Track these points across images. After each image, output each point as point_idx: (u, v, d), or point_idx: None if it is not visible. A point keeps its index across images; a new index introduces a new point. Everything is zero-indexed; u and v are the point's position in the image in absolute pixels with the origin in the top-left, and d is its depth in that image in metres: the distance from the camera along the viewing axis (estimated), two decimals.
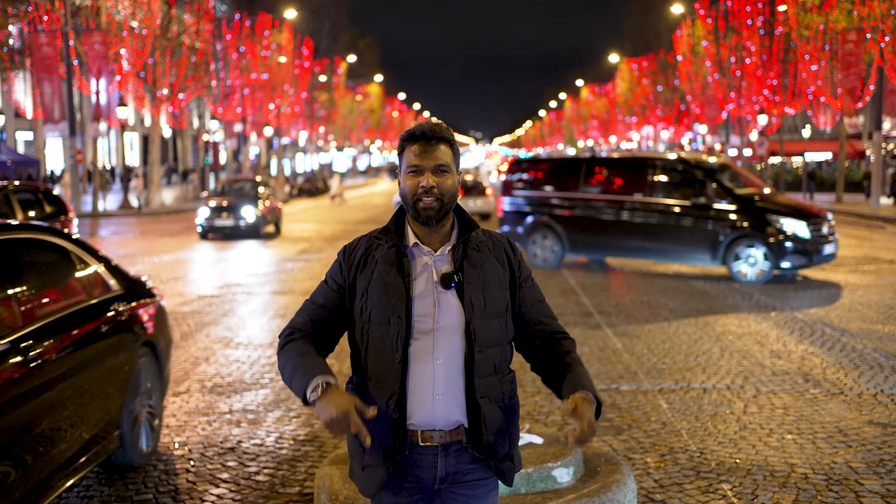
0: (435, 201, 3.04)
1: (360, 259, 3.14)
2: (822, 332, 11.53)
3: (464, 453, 3.10)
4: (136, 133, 68.64)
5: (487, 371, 3.07)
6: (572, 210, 18.02)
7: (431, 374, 3.03)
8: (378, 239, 3.14)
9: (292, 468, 6.65)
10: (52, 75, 37.95)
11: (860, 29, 38.45)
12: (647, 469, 6.58)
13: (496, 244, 3.20)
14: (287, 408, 8.18)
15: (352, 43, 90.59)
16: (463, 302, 3.05)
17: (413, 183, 3.06)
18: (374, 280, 3.08)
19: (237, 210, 26.43)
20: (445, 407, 3.04)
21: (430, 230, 3.11)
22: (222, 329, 12.05)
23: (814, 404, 8.22)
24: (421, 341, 3.04)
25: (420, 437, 3.06)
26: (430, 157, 3.06)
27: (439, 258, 3.11)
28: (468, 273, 3.07)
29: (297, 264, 19.59)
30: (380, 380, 3.05)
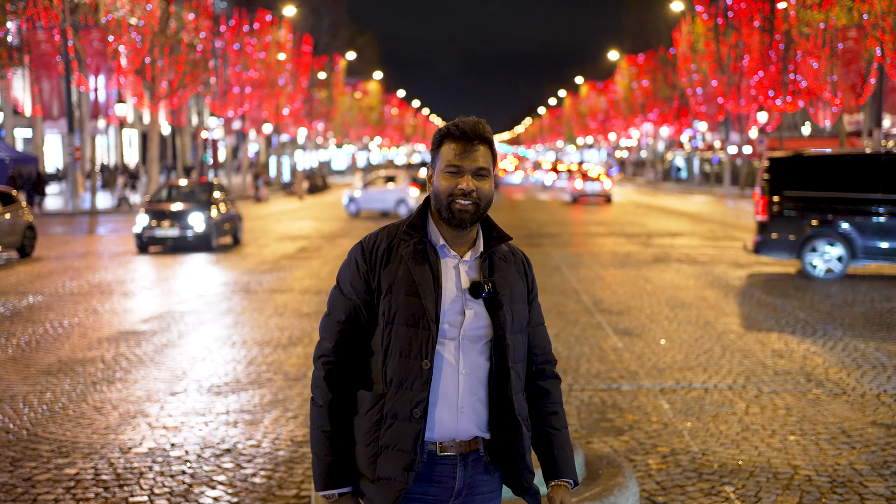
0: (472, 205, 2.90)
1: (382, 254, 2.95)
2: (825, 331, 11.46)
3: (479, 463, 2.98)
4: (135, 130, 68.50)
5: (519, 388, 2.98)
6: (869, 213, 15.99)
7: (457, 384, 2.90)
8: (407, 234, 2.96)
9: (289, 470, 6.57)
10: (51, 72, 37.88)
11: (860, 26, 38.37)
12: (648, 471, 6.51)
13: (516, 257, 3.10)
14: (285, 408, 8.11)
15: (351, 40, 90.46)
16: (494, 313, 2.93)
17: (450, 183, 2.90)
18: (399, 278, 2.90)
19: (183, 217, 22.34)
20: (468, 419, 2.92)
21: (459, 234, 2.96)
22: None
23: (816, 405, 8.15)
24: (446, 349, 2.90)
25: (439, 448, 2.92)
26: (471, 159, 2.92)
27: (467, 264, 2.97)
28: (499, 284, 2.95)
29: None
30: (403, 386, 2.87)
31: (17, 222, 20.95)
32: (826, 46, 40.92)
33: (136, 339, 11.24)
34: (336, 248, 22.66)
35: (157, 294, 15.27)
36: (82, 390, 8.78)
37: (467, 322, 2.91)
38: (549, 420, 3.07)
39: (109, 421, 7.77)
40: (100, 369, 9.65)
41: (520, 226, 29.52)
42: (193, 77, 45.56)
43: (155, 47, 42.70)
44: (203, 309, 13.51)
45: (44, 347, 10.83)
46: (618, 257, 20.01)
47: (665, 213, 36.60)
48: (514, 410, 2.92)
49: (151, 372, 9.53)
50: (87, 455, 6.89)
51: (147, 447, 7.08)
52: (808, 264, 16.36)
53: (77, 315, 12.98)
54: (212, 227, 22.42)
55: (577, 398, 8.40)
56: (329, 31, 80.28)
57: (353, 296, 2.96)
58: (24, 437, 7.34)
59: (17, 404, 8.31)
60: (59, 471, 6.57)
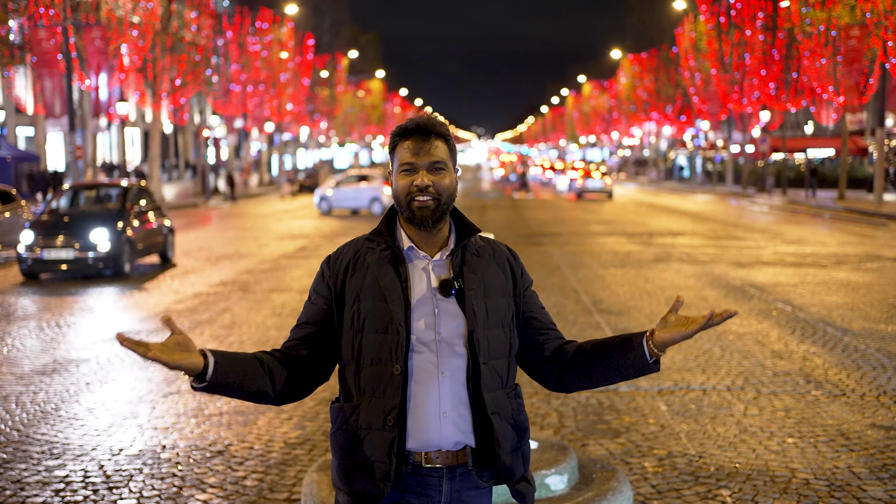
0: (431, 200, 2.83)
1: (347, 264, 2.91)
2: (824, 332, 11.38)
3: (468, 477, 2.86)
4: (136, 129, 68.48)
5: (495, 385, 2.85)
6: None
7: (437, 389, 2.79)
8: (370, 241, 2.92)
9: (281, 473, 6.50)
10: (53, 70, 37.83)
11: (863, 25, 38.27)
12: (644, 474, 6.43)
13: (497, 251, 3.00)
14: (279, 409, 8.03)
15: (353, 38, 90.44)
16: (464, 310, 2.84)
17: (407, 181, 2.84)
18: (367, 285, 2.85)
19: (81, 234, 16.91)
20: (452, 425, 2.80)
21: (426, 233, 2.89)
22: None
23: (815, 406, 8.07)
24: (423, 354, 2.81)
25: (424, 459, 2.81)
26: (425, 154, 2.85)
27: (437, 264, 2.89)
28: (468, 279, 2.86)
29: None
30: (376, 394, 2.79)
31: (16, 221, 20.90)
32: (829, 45, 40.81)
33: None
34: (337, 246, 22.55)
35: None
36: (75, 391, 8.72)
37: (441, 322, 2.83)
38: (590, 353, 2.96)
39: (101, 422, 7.71)
40: (94, 369, 9.59)
41: (520, 225, 29.46)
42: (195, 75, 45.52)
43: (156, 46, 42.66)
44: (200, 308, 13.44)
45: (39, 347, 10.77)
46: (618, 257, 19.93)
47: (667, 212, 36.51)
48: (487, 409, 2.80)
49: (145, 373, 9.47)
50: (78, 457, 6.82)
51: (137, 449, 7.01)
52: None
53: (74, 315, 12.92)
54: (122, 246, 17.12)
55: (573, 399, 8.32)
56: (331, 29, 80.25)
57: (317, 301, 2.93)
58: (16, 439, 7.28)
59: (10, 405, 8.25)
60: (48, 473, 6.51)
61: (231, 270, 17.85)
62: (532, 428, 7.50)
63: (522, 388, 8.62)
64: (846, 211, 36.09)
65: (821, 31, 41.05)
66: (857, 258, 19.54)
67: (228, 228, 29.16)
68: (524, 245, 22.20)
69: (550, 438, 6.04)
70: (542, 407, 8.09)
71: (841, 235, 25.50)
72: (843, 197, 42.50)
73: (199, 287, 15.64)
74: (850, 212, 35.59)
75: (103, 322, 12.52)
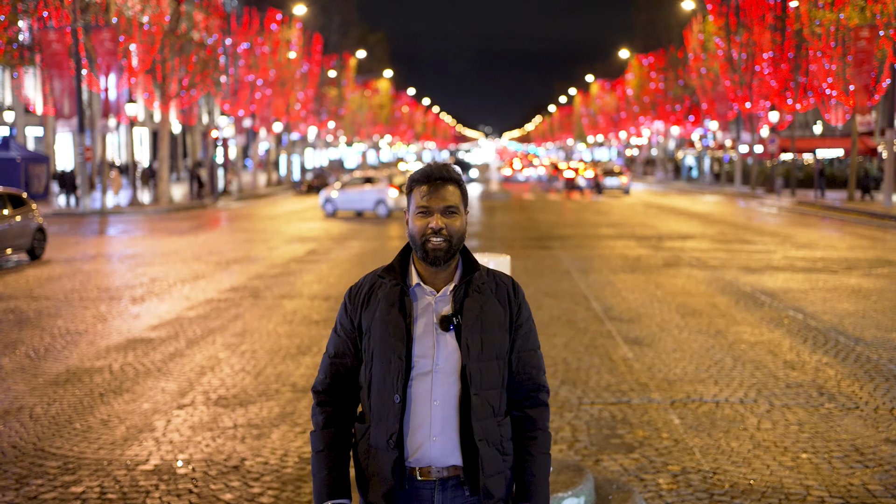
0: (444, 242, 3.05)
1: (364, 298, 3.16)
2: (836, 341, 11.37)
3: (459, 489, 3.09)
4: (145, 129, 68.61)
5: (485, 414, 3.07)
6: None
7: (429, 415, 3.04)
8: (381, 278, 3.15)
9: (297, 490, 6.52)
10: (62, 71, 37.93)
11: (873, 26, 38.16)
12: (658, 491, 6.44)
13: (499, 285, 3.18)
14: (293, 422, 8.06)
15: (361, 38, 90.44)
16: (460, 343, 3.05)
17: (422, 224, 3.06)
18: (376, 319, 3.09)
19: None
20: (442, 448, 3.05)
21: (436, 270, 3.12)
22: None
23: (829, 420, 8.06)
24: (420, 382, 3.05)
25: (418, 473, 3.07)
26: (439, 199, 3.07)
27: (440, 299, 3.11)
28: (466, 315, 3.07)
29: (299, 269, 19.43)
30: (381, 419, 3.07)
31: (27, 224, 20.96)
32: (838, 46, 40.70)
33: (143, 348, 11.21)
34: (346, 250, 22.62)
35: None
36: (89, 402, 8.75)
37: (439, 354, 3.06)
38: (527, 445, 3.15)
39: (116, 435, 7.73)
40: (107, 379, 9.62)
41: (530, 227, 29.46)
42: (204, 76, 45.59)
43: (165, 47, 42.71)
44: (212, 315, 13.47)
45: (52, 356, 10.81)
46: (628, 261, 19.92)
47: (675, 214, 36.47)
48: (475, 436, 3.03)
49: (158, 383, 9.49)
50: (94, 472, 6.85)
51: (153, 464, 7.03)
52: None
53: (85, 321, 12.97)
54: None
55: (586, 412, 8.33)
56: (339, 29, 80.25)
57: (342, 333, 3.19)
58: (31, 453, 7.31)
59: (25, 417, 8.29)
60: (65, 489, 6.53)
61: (241, 275, 17.88)
62: None
63: None
64: (855, 213, 36.00)
65: (830, 32, 40.96)
66: (867, 263, 19.51)
67: (237, 231, 29.19)
68: (534, 249, 22.20)
69: (566, 459, 6.06)
70: (555, 420, 8.09)
71: (851, 239, 25.45)
72: (852, 198, 42.40)
73: (209, 293, 15.67)
74: (859, 213, 35.51)
75: (115, 329, 12.55)
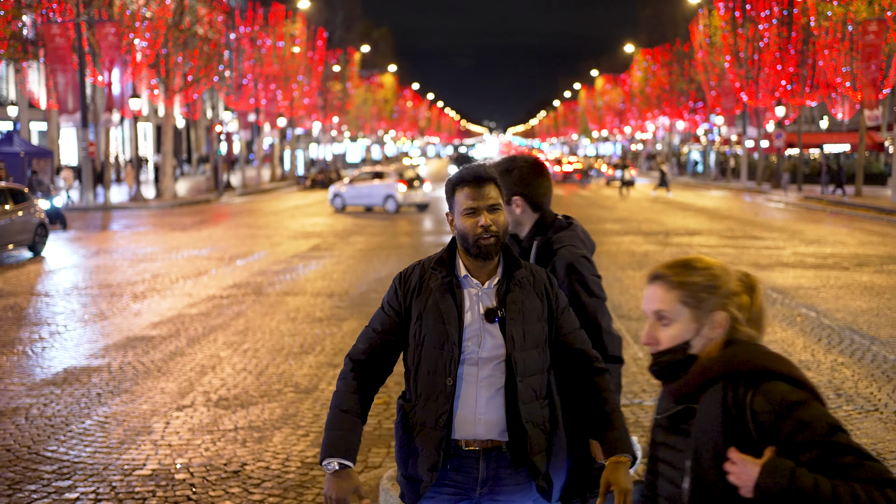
0: (492, 237, 3.26)
1: (414, 286, 3.38)
2: (851, 340, 11.12)
3: (503, 458, 3.31)
4: (149, 123, 68.44)
5: (529, 398, 3.29)
6: None
7: (475, 397, 3.28)
8: (434, 270, 3.36)
9: (299, 496, 6.29)
10: (66, 66, 37.70)
11: (881, 20, 37.87)
12: None
13: (537, 279, 3.40)
14: (295, 424, 7.83)
15: (366, 33, 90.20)
16: (504, 336, 3.27)
17: (472, 223, 3.26)
18: (429, 307, 3.31)
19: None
20: (486, 426, 3.28)
21: (483, 264, 3.33)
22: None
23: (848, 423, 7.81)
24: (467, 367, 3.28)
25: (464, 444, 3.30)
26: (484, 198, 3.28)
27: (486, 291, 3.33)
28: (510, 309, 3.29)
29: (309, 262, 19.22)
30: (430, 399, 3.29)
31: (28, 220, 20.77)
32: (846, 40, 40.40)
33: (143, 346, 10.99)
34: (350, 246, 22.39)
35: None
36: (87, 403, 8.53)
37: (484, 344, 3.28)
38: (600, 408, 3.36)
39: (113, 438, 7.51)
40: (105, 379, 9.41)
41: None
42: (208, 70, 45.35)
43: (169, 41, 42.47)
44: (213, 313, 13.25)
45: (51, 354, 10.59)
46: (635, 258, 19.68)
47: (682, 209, 36.21)
48: (522, 419, 3.26)
49: (158, 383, 9.27)
50: (89, 477, 6.62)
51: (151, 468, 6.80)
52: None
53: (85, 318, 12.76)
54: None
55: None
56: (343, 24, 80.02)
57: (390, 312, 3.41)
58: (25, 457, 7.08)
59: (20, 418, 8.07)
60: (58, 495, 6.31)
61: (244, 272, 17.66)
62: None
63: None
64: (863, 208, 35.73)
65: (838, 26, 40.64)
66: (878, 259, 19.26)
67: (241, 226, 28.98)
68: None
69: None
70: None
71: (860, 235, 25.20)
72: (859, 193, 42.12)
73: (212, 290, 15.45)
74: (867, 209, 35.24)
75: (115, 327, 12.33)
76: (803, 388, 2.39)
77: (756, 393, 2.37)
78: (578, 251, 3.78)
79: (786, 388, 2.37)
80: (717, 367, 2.46)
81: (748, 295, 2.57)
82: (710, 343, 2.54)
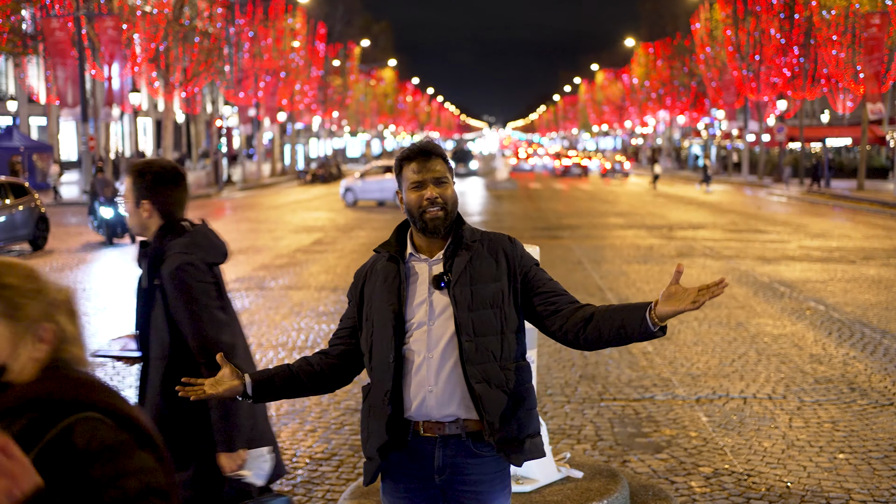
0: (440, 210, 3.21)
1: (366, 272, 3.37)
2: (862, 334, 11.01)
3: (463, 446, 3.21)
4: (149, 118, 68.28)
5: (483, 359, 3.17)
6: None
7: (425, 369, 3.18)
8: (378, 252, 3.35)
9: (308, 492, 6.18)
10: (66, 60, 37.56)
11: (884, 13, 37.73)
12: (692, 495, 6.08)
13: (492, 241, 3.32)
14: (302, 420, 7.72)
15: (366, 27, 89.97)
16: (451, 296, 3.20)
17: (417, 196, 3.21)
18: (375, 289, 3.29)
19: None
20: (438, 399, 3.17)
21: (434, 240, 3.27)
22: None
23: (863, 418, 7.70)
24: (416, 341, 3.21)
25: (421, 428, 3.20)
26: (430, 171, 3.24)
27: (434, 262, 3.27)
28: (455, 271, 3.21)
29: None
30: (380, 379, 3.24)
31: (29, 214, 20.65)
32: (848, 33, 40.25)
33: None
34: (353, 240, 22.27)
35: None
36: None
37: (434, 312, 3.21)
38: (604, 314, 3.17)
39: None
40: (106, 377, 9.29)
41: (537, 217, 29.10)
42: (207, 65, 45.20)
43: (169, 35, 42.32)
44: None
45: None
46: (640, 251, 19.56)
47: (684, 203, 36.09)
48: (470, 379, 3.14)
49: None
50: None
51: None
52: None
53: (85, 313, 12.64)
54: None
55: (609, 409, 7.98)
56: (343, 18, 79.81)
57: (351, 303, 3.42)
58: None
59: None
60: None
61: (247, 266, 17.54)
62: (568, 440, 7.17)
63: (555, 395, 8.31)
64: (866, 202, 35.60)
65: (840, 19, 40.49)
66: (885, 253, 19.14)
67: (242, 220, 28.86)
68: (543, 239, 21.83)
69: (596, 463, 5.70)
70: (577, 417, 7.75)
71: (865, 228, 25.08)
72: (861, 187, 41.99)
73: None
74: (870, 203, 35.11)
75: (118, 322, 12.22)
76: (131, 429, 2.00)
77: (71, 428, 1.95)
78: (187, 258, 3.84)
79: (107, 427, 1.98)
80: (36, 394, 2.00)
81: (71, 306, 2.13)
82: (30, 365, 2.05)
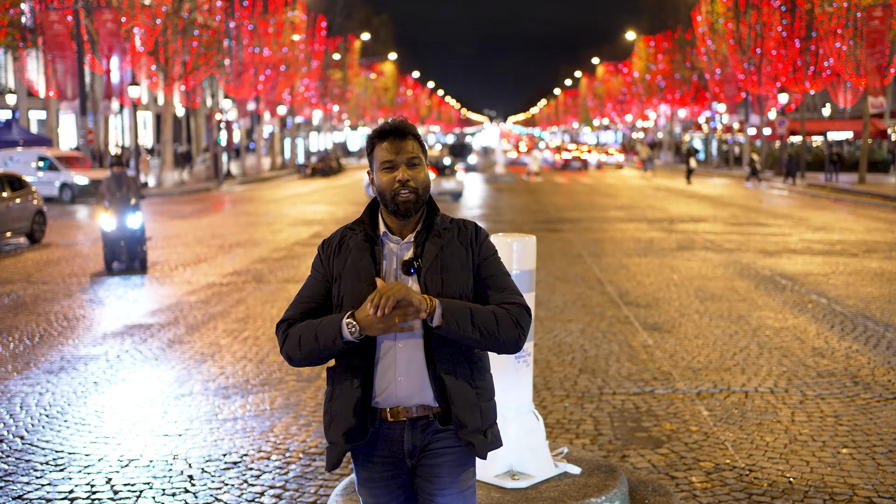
0: (411, 193, 3.15)
1: (335, 247, 3.28)
2: (865, 327, 10.88)
3: (430, 427, 3.18)
4: (149, 112, 68.10)
5: (451, 349, 3.13)
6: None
7: (394, 357, 3.14)
8: (352, 229, 3.28)
9: (300, 487, 6.05)
10: (65, 53, 37.42)
11: (886, 6, 37.55)
12: (692, 490, 5.96)
13: (462, 229, 3.27)
14: (297, 413, 7.59)
15: (366, 21, 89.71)
16: (420, 283, 3.14)
17: (389, 178, 3.16)
18: (347, 266, 3.21)
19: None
20: (407, 388, 3.14)
21: (405, 222, 3.21)
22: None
23: (867, 412, 7.58)
24: None
25: (389, 414, 3.16)
26: (403, 152, 3.17)
27: (404, 245, 3.22)
28: (426, 258, 3.17)
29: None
30: (350, 360, 3.15)
31: (26, 208, 20.52)
32: (850, 26, 40.06)
33: (142, 334, 10.75)
34: None
35: None
36: (83, 391, 8.29)
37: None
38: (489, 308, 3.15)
39: (109, 428, 7.27)
40: (103, 367, 9.17)
41: (538, 210, 28.96)
42: (207, 58, 45.03)
43: (168, 28, 42.15)
44: (213, 300, 13.01)
45: (47, 342, 10.35)
46: (641, 244, 19.43)
47: (685, 197, 35.94)
48: (439, 370, 3.11)
49: (155, 371, 9.04)
50: (84, 468, 6.39)
51: (148, 459, 6.57)
52: None
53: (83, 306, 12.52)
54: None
55: (608, 403, 7.86)
56: (343, 11, 79.53)
57: (316, 276, 3.30)
58: (19, 447, 6.85)
59: (15, 407, 7.84)
60: (52, 487, 6.07)
61: (244, 259, 17.42)
62: (566, 435, 7.05)
63: (554, 389, 8.18)
64: (868, 195, 35.46)
65: (842, 12, 40.29)
66: (887, 246, 19.01)
67: (241, 214, 28.73)
68: (544, 232, 21.70)
69: (595, 458, 5.58)
70: (576, 412, 7.63)
71: (867, 221, 24.94)
72: (863, 181, 41.83)
73: (211, 277, 15.21)
74: (872, 196, 34.97)
75: (113, 314, 12.09)
76: None
77: None
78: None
79: None
80: None
81: None
82: None
